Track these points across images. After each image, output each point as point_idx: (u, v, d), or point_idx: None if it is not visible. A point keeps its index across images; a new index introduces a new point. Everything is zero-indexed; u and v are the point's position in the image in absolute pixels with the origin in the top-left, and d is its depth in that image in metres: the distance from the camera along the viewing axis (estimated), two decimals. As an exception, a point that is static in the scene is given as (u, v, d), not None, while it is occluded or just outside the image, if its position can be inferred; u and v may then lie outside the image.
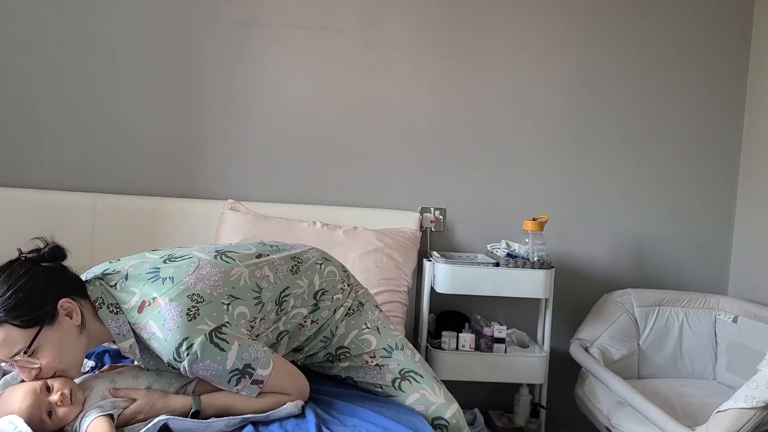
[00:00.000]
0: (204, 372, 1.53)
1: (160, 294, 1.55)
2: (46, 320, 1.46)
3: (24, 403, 1.44)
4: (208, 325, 1.53)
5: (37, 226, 2.67)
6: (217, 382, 1.55)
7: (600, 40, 2.99)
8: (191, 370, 1.52)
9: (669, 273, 3.06)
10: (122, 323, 1.55)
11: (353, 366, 1.86)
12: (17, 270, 1.48)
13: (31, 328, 1.44)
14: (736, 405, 1.90)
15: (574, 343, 2.76)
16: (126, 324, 1.55)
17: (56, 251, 1.57)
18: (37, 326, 1.45)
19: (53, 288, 1.50)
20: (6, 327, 1.42)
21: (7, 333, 1.42)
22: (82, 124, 2.82)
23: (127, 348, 1.56)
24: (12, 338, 1.43)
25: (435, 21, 2.92)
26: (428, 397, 1.80)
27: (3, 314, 1.42)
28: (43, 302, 1.46)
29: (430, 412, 1.78)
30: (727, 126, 3.06)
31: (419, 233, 2.83)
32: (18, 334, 1.43)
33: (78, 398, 1.51)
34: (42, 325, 1.45)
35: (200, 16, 2.84)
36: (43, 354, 1.46)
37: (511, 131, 2.98)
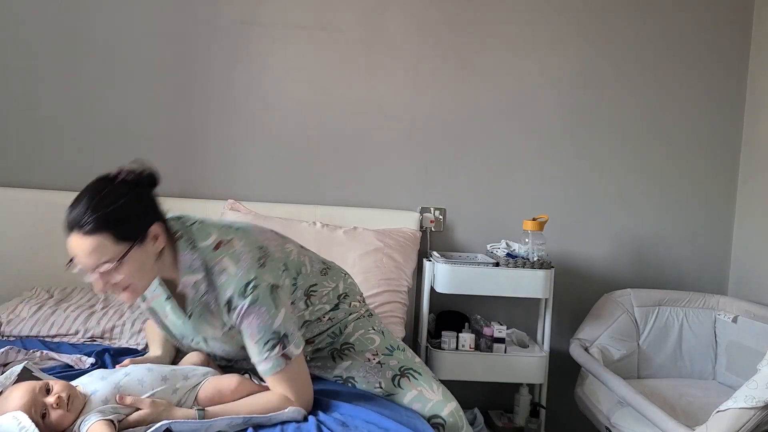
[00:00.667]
0: (254, 319, 1.60)
1: (237, 237, 1.68)
2: (137, 240, 1.55)
3: (21, 401, 1.45)
4: (270, 279, 1.65)
5: (36, 226, 2.68)
6: (255, 339, 1.61)
7: (599, 41, 2.99)
8: (245, 313, 1.60)
9: (669, 273, 3.06)
10: (196, 258, 1.64)
11: (355, 364, 1.88)
12: (121, 187, 1.56)
13: (123, 244, 1.52)
14: (736, 405, 1.90)
15: (574, 343, 2.76)
16: (199, 260, 1.64)
17: (153, 177, 1.64)
18: (129, 243, 1.53)
19: (149, 212, 1.60)
20: (101, 237, 1.50)
21: (101, 242, 1.50)
22: (82, 124, 2.82)
23: (191, 284, 1.64)
24: (104, 248, 1.50)
25: (435, 21, 2.92)
26: (425, 394, 1.81)
27: (103, 225, 1.50)
28: (140, 223, 1.57)
29: (426, 409, 1.79)
30: (727, 126, 3.06)
31: (419, 233, 2.83)
32: (110, 246, 1.51)
33: (75, 406, 1.50)
34: (133, 244, 1.54)
35: (200, 16, 2.84)
36: (123, 270, 1.54)
37: (511, 131, 2.98)
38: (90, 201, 1.52)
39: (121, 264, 1.53)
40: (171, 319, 1.77)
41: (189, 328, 1.73)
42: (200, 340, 1.77)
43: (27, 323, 2.28)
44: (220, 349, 1.78)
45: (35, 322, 2.29)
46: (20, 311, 2.35)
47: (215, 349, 1.79)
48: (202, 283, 1.65)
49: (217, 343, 1.75)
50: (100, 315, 2.36)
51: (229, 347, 1.75)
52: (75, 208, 1.53)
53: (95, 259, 1.52)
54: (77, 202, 1.54)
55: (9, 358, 1.95)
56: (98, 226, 1.50)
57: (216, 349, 1.79)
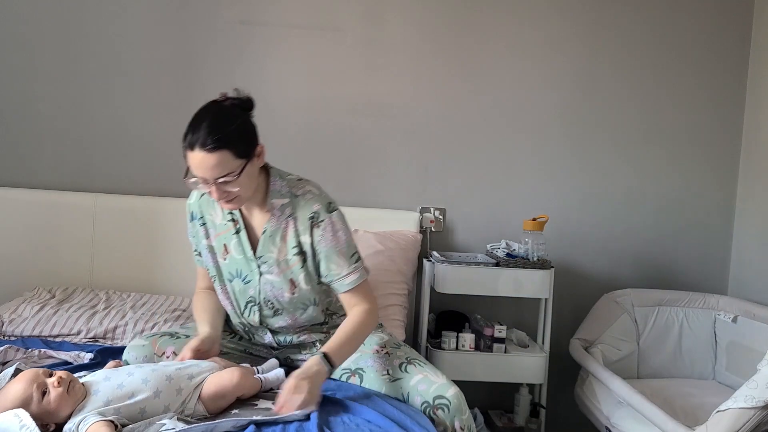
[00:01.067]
0: (341, 234, 1.88)
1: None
2: (251, 156, 1.77)
3: (24, 377, 1.52)
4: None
5: (37, 226, 2.69)
6: (344, 251, 1.88)
7: (599, 41, 2.99)
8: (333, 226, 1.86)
9: (669, 273, 3.06)
10: (284, 185, 1.91)
11: (363, 356, 1.96)
12: (234, 111, 1.79)
13: (241, 159, 1.74)
14: (736, 405, 1.91)
15: (573, 343, 2.76)
16: (286, 187, 1.90)
17: (251, 102, 1.85)
18: (245, 159, 1.75)
19: (256, 133, 1.82)
20: (224, 152, 1.70)
21: (224, 157, 1.71)
22: (82, 124, 2.82)
23: (278, 206, 1.88)
24: (226, 163, 1.71)
25: (434, 22, 2.92)
26: (430, 377, 1.87)
27: (225, 144, 1.70)
28: (253, 141, 1.80)
29: (431, 390, 1.83)
30: (727, 126, 3.06)
31: (419, 236, 2.83)
32: (231, 161, 1.72)
33: (75, 391, 1.53)
34: (249, 159, 1.77)
35: (200, 17, 2.84)
36: (239, 182, 1.75)
37: (511, 131, 2.98)
38: (211, 122, 1.72)
39: (239, 176, 1.74)
40: (231, 255, 1.93)
41: (246, 262, 1.91)
42: (253, 275, 1.91)
43: (29, 323, 2.28)
44: (268, 285, 1.91)
45: (37, 322, 2.29)
46: (22, 311, 2.35)
47: (263, 286, 1.91)
48: (288, 207, 1.88)
49: (270, 276, 1.90)
50: (102, 315, 2.36)
51: (279, 281, 1.90)
52: (197, 129, 1.71)
53: (217, 172, 1.71)
54: (197, 123, 1.72)
55: (8, 356, 1.96)
56: (221, 144, 1.70)
57: (264, 286, 1.91)
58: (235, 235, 1.93)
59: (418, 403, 1.82)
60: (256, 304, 1.95)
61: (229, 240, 1.93)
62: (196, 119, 1.75)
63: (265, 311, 1.96)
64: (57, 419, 1.51)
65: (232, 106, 1.81)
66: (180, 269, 2.71)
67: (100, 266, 2.71)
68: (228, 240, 1.94)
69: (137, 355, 1.86)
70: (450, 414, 1.80)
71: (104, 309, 2.42)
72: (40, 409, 1.49)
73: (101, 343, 2.26)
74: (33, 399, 1.49)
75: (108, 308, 2.43)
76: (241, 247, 1.92)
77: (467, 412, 1.83)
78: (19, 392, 1.49)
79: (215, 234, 1.96)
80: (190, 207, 2.01)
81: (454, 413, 1.80)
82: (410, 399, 1.84)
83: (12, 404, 1.48)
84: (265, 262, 1.91)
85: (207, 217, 1.97)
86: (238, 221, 1.92)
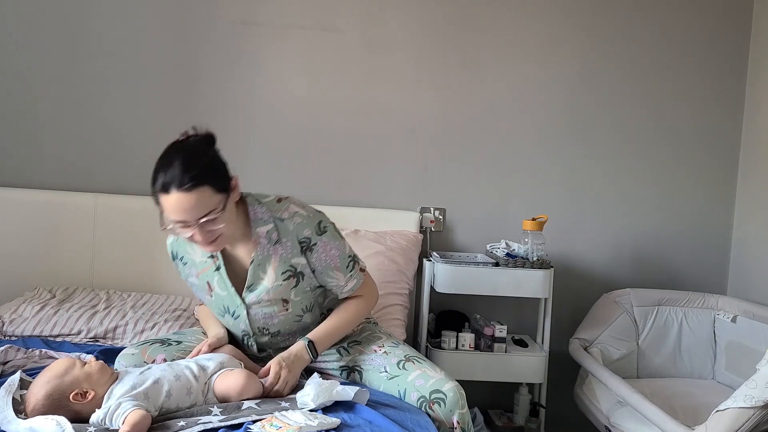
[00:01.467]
0: (334, 251, 1.88)
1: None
2: (229, 190, 1.74)
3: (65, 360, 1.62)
4: (329, 219, 1.94)
5: (37, 226, 2.69)
6: (339, 266, 1.89)
7: (600, 41, 3.00)
8: (325, 247, 1.86)
9: (668, 273, 3.06)
10: (264, 211, 1.85)
11: (361, 354, 1.98)
12: (202, 146, 1.74)
13: (221, 194, 1.70)
14: (735, 404, 1.91)
15: (573, 343, 2.77)
16: (267, 212, 1.85)
17: (214, 138, 1.79)
18: (225, 193, 1.72)
19: (226, 165, 1.76)
20: (203, 189, 1.65)
21: (204, 195, 1.65)
22: (82, 124, 2.82)
23: (264, 233, 1.83)
24: (207, 200, 1.66)
25: (435, 21, 2.92)
26: (428, 373, 1.87)
27: (203, 179, 1.65)
28: (227, 175, 1.75)
29: (429, 384, 1.83)
30: (727, 126, 3.06)
31: (420, 236, 2.83)
32: (212, 198, 1.67)
33: (108, 372, 1.62)
34: (229, 193, 1.73)
35: (200, 17, 2.84)
36: (223, 218, 1.71)
37: (510, 131, 2.99)
38: (183, 160, 1.65)
39: (223, 212, 1.70)
40: (215, 292, 1.91)
41: (231, 297, 1.88)
42: (240, 309, 1.89)
43: (29, 323, 2.28)
44: (258, 314, 1.90)
45: (38, 322, 2.29)
46: (22, 311, 2.36)
47: (253, 317, 1.91)
48: (274, 232, 1.84)
49: (258, 306, 1.88)
50: (102, 315, 2.36)
51: (269, 306, 1.89)
52: (168, 170, 1.64)
53: (199, 212, 1.66)
54: (168, 163, 1.66)
55: (8, 356, 1.96)
56: (199, 180, 1.64)
57: (254, 317, 1.91)
58: (216, 272, 1.89)
59: (415, 399, 1.82)
60: (251, 337, 1.96)
61: (211, 278, 1.91)
62: (164, 160, 1.68)
63: (261, 339, 1.96)
64: (97, 386, 1.57)
65: (198, 142, 1.75)
66: (180, 269, 2.72)
67: (101, 266, 2.71)
68: (210, 278, 1.91)
69: (127, 363, 1.85)
70: (447, 408, 1.79)
71: (105, 309, 2.42)
72: (83, 372, 1.57)
73: (101, 343, 2.27)
74: (77, 364, 1.58)
75: (108, 308, 2.43)
76: (224, 283, 1.89)
77: (465, 408, 1.82)
78: (63, 361, 1.60)
79: (197, 272, 1.93)
80: (170, 247, 1.98)
81: (451, 407, 1.79)
82: (407, 395, 1.84)
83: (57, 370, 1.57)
84: (253, 291, 1.88)
85: (187, 257, 1.94)
86: (217, 258, 1.88)
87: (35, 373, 1.72)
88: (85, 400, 1.55)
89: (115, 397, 1.55)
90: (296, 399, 1.69)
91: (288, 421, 1.53)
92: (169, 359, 1.83)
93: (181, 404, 1.64)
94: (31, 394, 1.55)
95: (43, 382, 1.55)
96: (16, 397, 1.58)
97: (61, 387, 1.54)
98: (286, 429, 1.49)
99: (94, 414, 1.54)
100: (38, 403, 1.52)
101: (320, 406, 1.64)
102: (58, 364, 1.59)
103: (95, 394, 1.56)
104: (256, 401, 1.68)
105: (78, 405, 1.54)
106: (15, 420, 1.50)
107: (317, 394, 1.65)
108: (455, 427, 1.79)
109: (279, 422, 1.53)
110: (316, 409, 1.63)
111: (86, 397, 1.55)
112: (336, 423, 1.58)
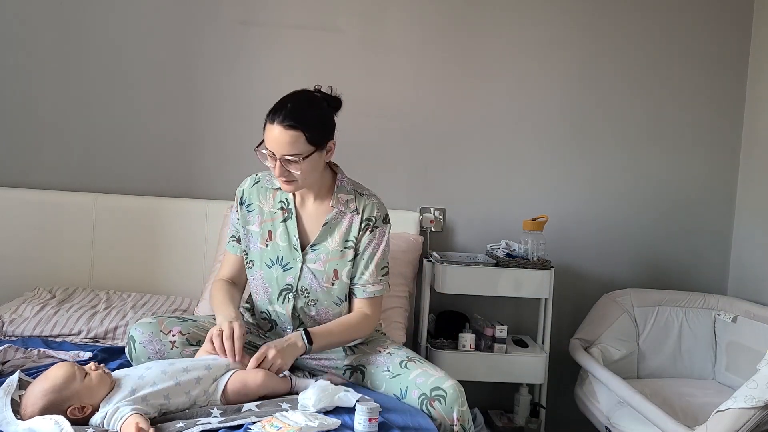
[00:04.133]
0: (384, 245, 2.00)
1: None
2: (321, 147, 1.89)
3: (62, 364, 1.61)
4: None
5: (37, 226, 2.69)
6: (378, 261, 1.99)
7: (600, 41, 2.99)
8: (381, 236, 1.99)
9: (669, 273, 3.06)
10: (349, 182, 2.04)
11: (365, 354, 2.01)
12: (321, 102, 1.92)
13: (311, 146, 1.85)
14: (736, 405, 1.91)
15: (573, 343, 2.76)
16: (351, 184, 2.03)
17: (339, 103, 1.97)
18: (315, 147, 1.87)
19: (332, 129, 1.94)
20: (298, 133, 1.83)
21: (296, 137, 1.83)
22: (82, 124, 2.82)
23: (344, 200, 1.99)
24: (297, 144, 1.83)
25: (435, 21, 2.92)
26: (429, 372, 1.90)
27: (304, 125, 1.83)
28: (328, 134, 1.92)
29: (429, 382, 1.86)
30: (727, 126, 3.06)
31: (420, 238, 2.83)
32: (301, 144, 1.84)
33: (109, 376, 1.61)
34: (317, 148, 1.87)
35: (200, 16, 2.84)
36: (301, 166, 1.85)
37: (510, 131, 2.98)
38: (295, 103, 1.86)
39: (303, 161, 1.84)
40: (274, 242, 1.99)
41: (290, 249, 1.97)
42: (296, 263, 1.97)
43: (29, 323, 2.28)
44: (309, 274, 1.97)
45: (38, 322, 2.29)
46: (22, 311, 2.35)
47: (304, 274, 1.97)
48: (352, 203, 1.99)
49: (313, 265, 1.97)
50: (102, 315, 2.36)
51: (322, 271, 1.97)
52: (282, 106, 1.86)
53: (286, 150, 1.83)
54: (284, 101, 1.87)
55: (7, 356, 1.96)
56: (297, 124, 1.82)
57: (305, 274, 1.97)
58: (282, 223, 1.99)
59: (416, 396, 1.84)
60: (292, 292, 1.98)
61: (275, 227, 2.00)
62: (284, 98, 1.89)
63: (299, 300, 1.99)
64: (95, 400, 1.56)
65: (321, 98, 1.93)
66: (180, 269, 2.72)
67: (101, 266, 2.71)
68: (274, 227, 2.00)
69: (143, 330, 1.86)
70: (447, 405, 1.81)
71: (105, 309, 2.42)
72: (83, 386, 1.55)
73: (102, 343, 2.27)
74: (77, 377, 1.56)
75: (108, 308, 2.43)
76: (287, 234, 1.99)
77: (465, 405, 1.85)
78: (63, 371, 1.56)
79: (261, 221, 2.02)
80: (241, 192, 2.07)
81: (451, 404, 1.82)
82: (408, 392, 1.86)
83: (55, 382, 1.54)
84: (315, 251, 1.97)
85: (255, 203, 2.03)
86: (289, 210, 2.00)
87: (34, 373, 1.72)
88: (81, 414, 1.54)
89: (113, 402, 1.55)
90: (297, 401, 1.69)
91: (288, 422, 1.53)
92: (184, 332, 1.86)
93: (181, 406, 1.64)
94: (28, 404, 1.53)
95: (41, 394, 1.53)
96: (14, 398, 1.57)
97: (59, 401, 1.53)
98: (287, 429, 1.49)
99: (93, 418, 1.54)
100: (34, 415, 1.51)
101: (321, 411, 1.64)
102: (58, 374, 1.56)
103: (93, 409, 1.56)
104: (256, 403, 1.68)
105: (73, 419, 1.53)
106: (14, 421, 1.49)
107: (319, 398, 1.65)
108: (455, 423, 1.81)
109: (279, 423, 1.53)
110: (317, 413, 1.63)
111: (83, 411, 1.54)
112: (336, 424, 1.58)
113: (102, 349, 2.13)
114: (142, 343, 1.84)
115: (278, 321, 2.02)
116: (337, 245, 1.97)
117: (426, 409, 1.81)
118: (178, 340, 1.86)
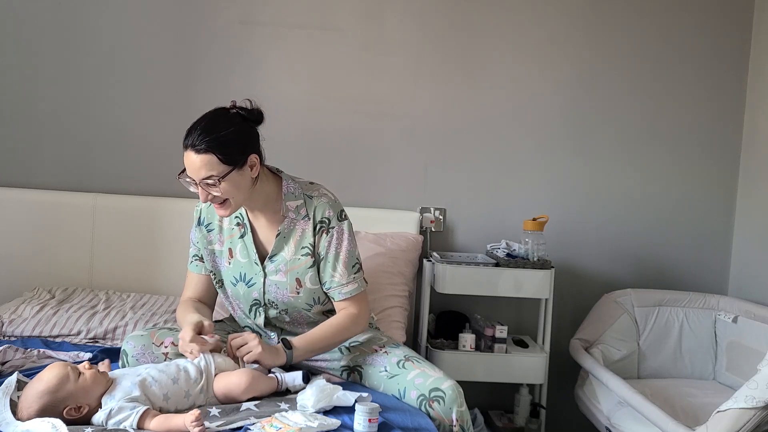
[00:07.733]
0: (347, 243, 1.95)
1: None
2: (239, 164, 1.82)
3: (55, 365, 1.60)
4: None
5: (37, 226, 2.68)
6: (346, 261, 1.94)
7: (600, 41, 2.99)
8: (340, 235, 1.94)
9: (669, 273, 3.06)
10: (296, 188, 1.98)
11: (362, 354, 2.00)
12: (234, 118, 1.85)
13: (227, 166, 1.80)
14: (736, 405, 1.91)
15: (574, 343, 2.76)
16: (299, 189, 1.97)
17: (260, 115, 1.91)
18: (232, 166, 1.81)
19: (250, 143, 1.87)
20: (211, 156, 1.78)
21: (209, 160, 1.79)
22: (82, 124, 2.82)
23: (293, 207, 1.95)
24: (211, 165, 1.79)
25: (435, 21, 2.92)
26: (428, 372, 1.89)
27: (215, 146, 1.78)
28: (243, 150, 1.84)
29: (428, 383, 1.85)
30: (727, 126, 3.06)
31: (420, 237, 2.83)
32: (216, 165, 1.79)
33: (103, 375, 1.61)
34: (235, 167, 1.81)
35: (200, 16, 2.83)
36: (222, 187, 1.81)
37: (511, 131, 2.98)
38: (205, 126, 1.81)
39: (222, 181, 1.80)
40: (235, 260, 1.98)
41: (251, 265, 1.95)
42: (257, 277, 1.95)
43: (29, 323, 2.28)
44: (273, 286, 1.95)
45: (37, 322, 2.29)
46: (22, 311, 2.35)
47: (268, 288, 1.96)
48: (302, 208, 1.95)
49: (275, 277, 1.95)
50: (102, 315, 2.36)
51: (284, 281, 1.94)
52: (193, 131, 1.81)
53: (201, 174, 1.79)
54: (195, 125, 1.82)
55: (7, 356, 1.96)
56: (208, 147, 1.78)
57: (269, 288, 1.96)
58: (240, 239, 1.98)
59: (414, 397, 1.84)
60: (261, 306, 1.98)
61: (234, 244, 1.98)
62: (196, 121, 1.83)
63: (270, 311, 1.99)
64: (91, 399, 1.56)
65: (235, 114, 1.86)
66: (180, 269, 2.67)
67: (100, 266, 2.71)
68: (233, 244, 1.98)
69: (135, 344, 1.87)
70: (446, 405, 1.81)
71: (104, 309, 2.42)
72: (77, 386, 1.55)
73: (101, 343, 2.26)
74: (70, 377, 1.56)
75: (108, 308, 2.43)
76: (246, 251, 1.97)
77: (464, 405, 1.85)
78: (56, 372, 1.56)
79: (222, 239, 2.00)
80: (198, 212, 2.04)
81: (450, 405, 1.81)
82: (407, 393, 1.86)
83: (49, 384, 1.54)
84: (273, 263, 1.95)
85: (215, 222, 2.02)
86: (244, 225, 1.97)
87: (33, 373, 1.72)
88: (78, 414, 1.54)
89: (115, 399, 1.55)
90: (296, 401, 1.69)
91: (288, 422, 1.53)
92: (177, 343, 1.84)
93: (180, 406, 1.64)
94: (24, 407, 1.53)
95: (36, 397, 1.53)
96: (13, 399, 1.57)
97: (54, 402, 1.53)
98: (287, 430, 1.49)
99: (95, 415, 1.54)
100: (31, 417, 1.51)
101: (320, 411, 1.64)
102: (51, 376, 1.56)
103: (89, 409, 1.56)
104: (255, 403, 1.68)
105: (71, 419, 1.53)
106: (13, 422, 1.49)
107: (318, 399, 1.65)
108: (454, 424, 1.81)
109: (279, 423, 1.52)
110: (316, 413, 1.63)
111: (80, 411, 1.55)
112: (336, 424, 1.58)
113: (101, 349, 2.13)
114: (135, 357, 1.84)
115: (261, 332, 2.03)
116: (293, 254, 1.94)
117: (425, 410, 1.81)
118: (171, 350, 1.85)
